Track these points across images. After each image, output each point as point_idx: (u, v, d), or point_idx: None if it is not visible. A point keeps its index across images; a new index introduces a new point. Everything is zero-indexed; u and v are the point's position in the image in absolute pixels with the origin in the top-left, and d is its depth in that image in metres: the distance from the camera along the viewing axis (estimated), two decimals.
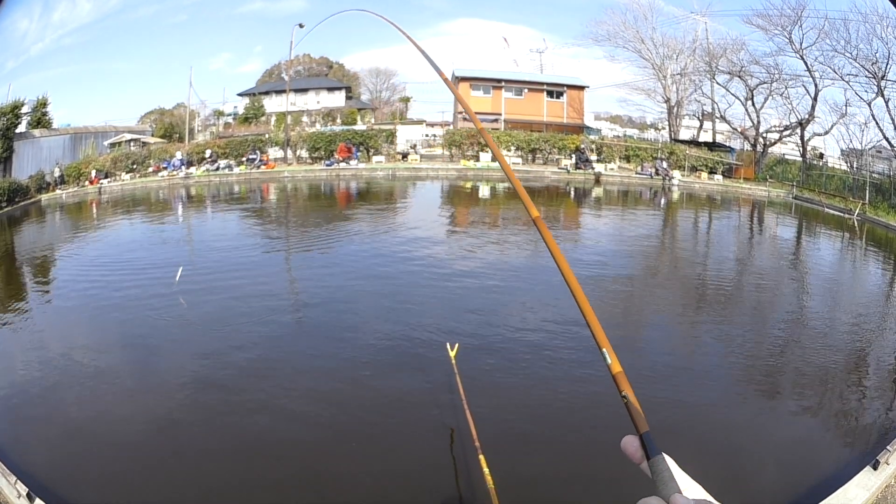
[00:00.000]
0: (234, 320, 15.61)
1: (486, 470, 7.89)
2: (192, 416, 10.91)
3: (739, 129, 45.08)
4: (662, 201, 39.11)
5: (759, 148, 43.02)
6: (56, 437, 10.30)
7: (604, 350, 1.82)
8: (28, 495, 7.89)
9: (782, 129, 42.05)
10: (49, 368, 13.06)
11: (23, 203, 34.41)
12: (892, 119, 34.18)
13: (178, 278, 17.36)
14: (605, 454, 9.95)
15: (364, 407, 11.23)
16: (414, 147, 47.41)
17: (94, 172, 38.33)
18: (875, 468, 8.66)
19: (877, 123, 35.58)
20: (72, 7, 40.75)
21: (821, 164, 41.02)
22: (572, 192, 41.06)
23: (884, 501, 8.42)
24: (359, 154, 44.01)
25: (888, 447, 8.96)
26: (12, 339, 15.39)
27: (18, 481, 8.03)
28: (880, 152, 36.78)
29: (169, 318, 15.82)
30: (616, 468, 8.85)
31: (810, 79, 38.35)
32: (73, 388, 12.12)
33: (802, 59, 37.94)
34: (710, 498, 1.49)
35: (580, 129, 48.40)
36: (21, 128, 36.80)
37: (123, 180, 39.75)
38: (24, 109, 36.89)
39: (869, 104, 35.43)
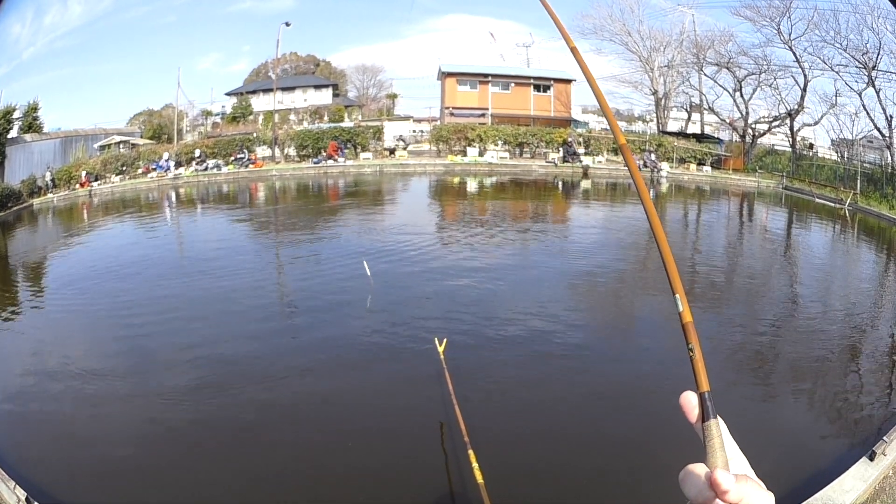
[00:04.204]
0: (226, 320, 15.68)
1: (475, 465, 7.92)
2: (187, 418, 10.95)
3: (728, 121, 45.14)
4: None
5: (747, 139, 43.06)
6: (54, 442, 10.33)
7: (677, 296, 1.72)
8: (27, 500, 7.89)
9: (771, 119, 42.08)
10: (45, 373, 13.07)
11: (15, 208, 34.26)
12: (883, 109, 34.22)
13: (368, 272, 17.31)
14: (593, 447, 10.04)
15: (353, 403, 11.32)
16: (402, 139, 47.33)
17: (83, 175, 38.17)
18: (871, 459, 8.68)
19: (867, 113, 35.61)
20: (63, 10, 40.61)
21: (811, 154, 41.08)
22: (560, 186, 41.05)
23: (881, 493, 8.45)
24: (346, 151, 43.92)
25: (884, 438, 8.98)
26: (9, 345, 15.40)
27: (17, 486, 8.03)
28: (871, 142, 36.82)
29: (163, 320, 15.80)
30: (605, 461, 8.91)
31: (799, 69, 38.38)
32: (69, 392, 12.12)
33: (791, 49, 37.93)
34: (752, 473, 1.48)
35: (567, 122, 48.37)
36: (12, 133, 36.66)
37: (113, 182, 39.58)
38: (16, 115, 36.77)
39: (859, 94, 35.45)
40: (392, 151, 45.52)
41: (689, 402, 1.56)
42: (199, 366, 12.91)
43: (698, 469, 1.42)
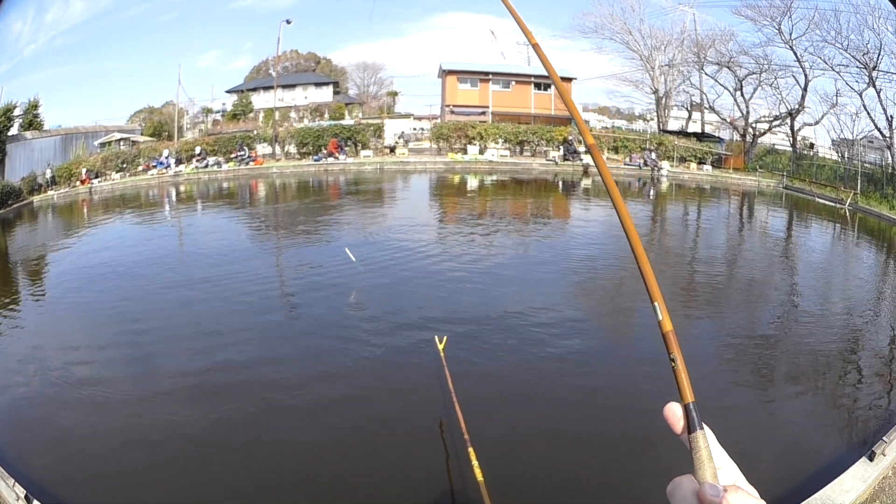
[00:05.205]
0: (227, 318, 15.65)
1: (475, 463, 7.93)
2: (187, 416, 10.94)
3: (728, 120, 45.15)
4: (651, 192, 39.12)
5: (748, 138, 43.07)
6: (54, 440, 10.31)
7: (655, 304, 1.62)
8: (26, 497, 7.90)
9: (772, 119, 42.11)
10: (45, 371, 13.04)
11: (15, 205, 34.28)
12: (884, 109, 34.26)
13: (353, 258, 17.42)
14: (593, 445, 10.04)
15: (354, 401, 11.30)
16: (402, 135, 47.37)
17: (84, 172, 38.19)
18: (871, 459, 8.69)
19: (868, 114, 35.67)
20: (65, 8, 40.64)
21: (811, 154, 41.10)
22: (560, 184, 41.07)
23: (881, 493, 8.45)
24: (346, 149, 43.93)
25: (884, 438, 8.98)
26: (9, 343, 15.35)
27: (17, 484, 8.04)
28: (872, 142, 36.84)
29: (164, 318, 15.78)
30: (605, 460, 8.90)
31: (800, 69, 38.43)
32: (69, 390, 12.10)
33: (792, 49, 38.00)
34: (743, 481, 1.45)
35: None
36: (13, 130, 36.71)
37: (114, 180, 39.65)
38: (16, 112, 36.81)
39: (860, 94, 35.50)
40: (392, 149, 45.54)
41: (674, 413, 1.50)
42: (198, 364, 12.88)
43: (686, 482, 1.39)
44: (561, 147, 44.08)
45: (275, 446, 9.81)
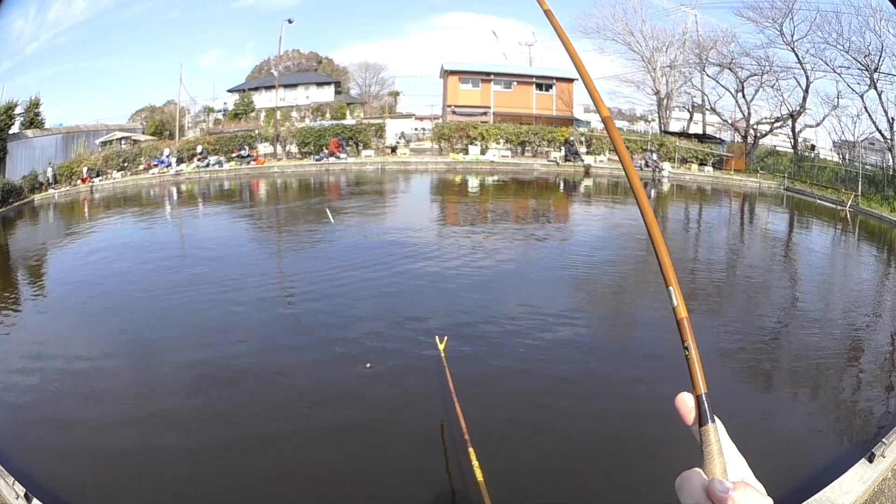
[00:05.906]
0: (228, 318, 15.63)
1: (475, 463, 7.92)
2: (187, 415, 10.95)
3: (730, 121, 45.10)
4: (652, 193, 38.98)
5: (749, 139, 43.02)
6: (53, 438, 10.29)
7: (670, 288, 1.59)
8: (26, 496, 7.88)
9: (773, 120, 42.06)
10: (46, 369, 13.04)
11: (16, 203, 34.33)
12: (885, 111, 34.27)
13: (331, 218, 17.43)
14: (594, 446, 10.03)
15: (354, 401, 11.28)
16: (403, 135, 47.34)
17: (85, 171, 38.21)
18: (871, 461, 8.66)
19: (869, 115, 35.65)
20: (66, 6, 40.64)
21: (812, 155, 41.06)
22: (562, 185, 41.07)
23: (880, 494, 8.44)
24: (348, 148, 43.91)
25: (884, 440, 8.96)
26: (10, 341, 15.35)
27: (16, 482, 8.02)
28: (873, 144, 36.82)
29: (165, 318, 15.79)
30: (606, 461, 8.90)
31: (801, 71, 38.39)
32: (69, 389, 12.11)
33: (794, 51, 37.99)
34: (752, 478, 1.44)
35: (569, 121, 48.34)
36: (14, 128, 36.74)
37: (115, 178, 39.67)
38: (18, 110, 36.84)
39: (861, 96, 35.48)
40: (394, 149, 45.50)
41: (686, 404, 1.49)
42: (199, 364, 12.88)
43: (695, 476, 1.39)
44: (562, 148, 44.04)
45: (274, 446, 9.80)
